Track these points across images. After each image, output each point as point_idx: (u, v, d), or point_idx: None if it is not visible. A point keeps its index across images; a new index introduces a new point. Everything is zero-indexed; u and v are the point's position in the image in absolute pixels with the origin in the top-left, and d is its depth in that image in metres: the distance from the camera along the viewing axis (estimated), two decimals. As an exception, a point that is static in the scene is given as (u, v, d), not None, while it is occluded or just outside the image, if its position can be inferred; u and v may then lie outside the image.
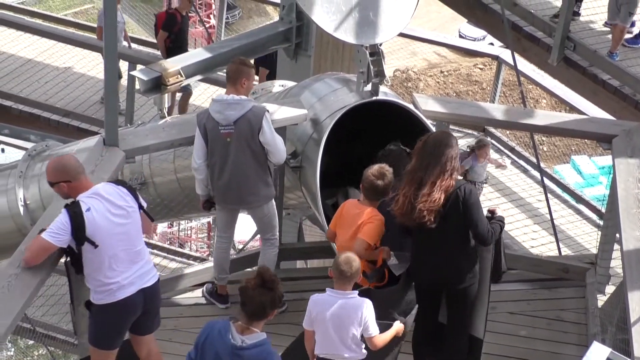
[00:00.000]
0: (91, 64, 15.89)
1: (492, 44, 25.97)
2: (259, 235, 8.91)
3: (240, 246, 14.59)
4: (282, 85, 9.95)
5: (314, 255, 9.77)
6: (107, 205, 6.39)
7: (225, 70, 8.23)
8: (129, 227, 6.50)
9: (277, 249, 8.34)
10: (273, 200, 8.17)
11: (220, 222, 8.32)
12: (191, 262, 15.98)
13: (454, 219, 6.68)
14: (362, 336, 6.40)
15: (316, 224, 9.92)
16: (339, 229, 7.31)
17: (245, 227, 11.12)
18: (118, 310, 6.56)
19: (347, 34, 7.99)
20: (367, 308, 6.38)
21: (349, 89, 8.44)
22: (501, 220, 7.00)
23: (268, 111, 7.80)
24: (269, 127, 7.74)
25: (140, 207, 6.62)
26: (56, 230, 6.25)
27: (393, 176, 7.16)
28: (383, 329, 6.53)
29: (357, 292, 6.43)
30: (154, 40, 17.71)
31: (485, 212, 6.86)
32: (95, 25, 17.76)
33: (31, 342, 18.54)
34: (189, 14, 41.59)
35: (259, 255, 8.43)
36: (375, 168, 7.16)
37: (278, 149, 7.81)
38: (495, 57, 14.22)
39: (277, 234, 8.38)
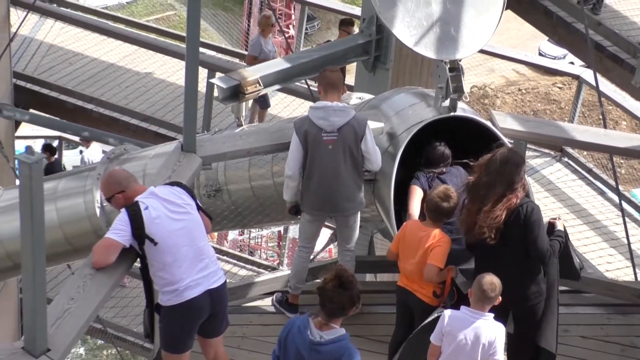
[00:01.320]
0: (171, 70, 16.06)
1: (572, 62, 25.67)
2: (330, 247, 8.94)
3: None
4: (360, 98, 9.94)
5: (384, 269, 9.73)
6: (164, 203, 6.48)
7: (319, 79, 8.29)
8: (188, 223, 6.55)
9: (354, 260, 8.36)
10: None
11: (305, 232, 8.29)
12: (261, 270, 16.07)
13: (514, 236, 6.67)
14: None
15: (387, 238, 9.89)
16: (402, 251, 7.31)
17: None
18: (185, 312, 6.60)
19: (427, 49, 7.97)
20: (502, 334, 6.44)
21: (426, 103, 8.40)
22: (560, 236, 6.95)
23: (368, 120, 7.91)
24: (370, 135, 7.85)
25: (198, 206, 6.68)
26: (118, 228, 6.34)
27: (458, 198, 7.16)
28: None
29: (492, 314, 6.43)
30: (234, 49, 17.94)
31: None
32: (177, 32, 18.03)
33: (101, 341, 18.82)
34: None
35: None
36: (440, 189, 7.17)
37: (377, 156, 7.91)
38: (576, 77, 14.05)
39: (354, 247, 8.41)
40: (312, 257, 8.65)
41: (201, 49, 7.90)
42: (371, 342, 8.06)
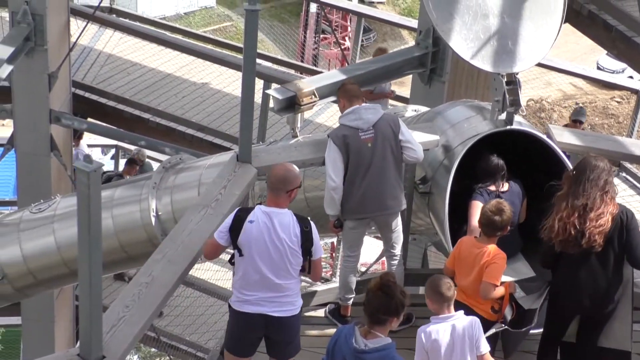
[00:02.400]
0: (227, 81, 16.12)
1: (631, 77, 25.40)
2: (383, 259, 8.92)
3: (363, 269, 14.58)
4: (415, 110, 9.94)
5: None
6: (271, 228, 6.60)
7: (341, 93, 8.39)
8: (277, 259, 6.64)
9: (402, 267, 8.35)
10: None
11: (349, 241, 8.33)
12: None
13: (616, 242, 6.76)
14: None
15: (441, 251, 9.86)
16: (458, 268, 7.31)
17: (368, 250, 11.12)
18: (238, 320, 6.83)
19: (484, 62, 7.95)
20: (478, 324, 6.52)
21: (482, 116, 8.38)
22: None
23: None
24: (405, 127, 7.99)
25: (308, 254, 6.69)
26: (221, 228, 6.68)
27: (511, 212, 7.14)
28: None
29: (461, 311, 6.58)
30: (290, 60, 18.04)
31: None
32: (233, 43, 18.13)
33: (154, 350, 18.92)
34: (325, 35, 42.01)
35: None
36: (492, 204, 7.16)
37: (417, 145, 7.99)
38: (635, 91, 13.94)
39: (401, 252, 8.39)
40: (365, 269, 8.66)
41: (257, 60, 7.95)
42: (424, 355, 7.99)
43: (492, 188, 8.00)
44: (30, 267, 9.91)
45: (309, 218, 6.82)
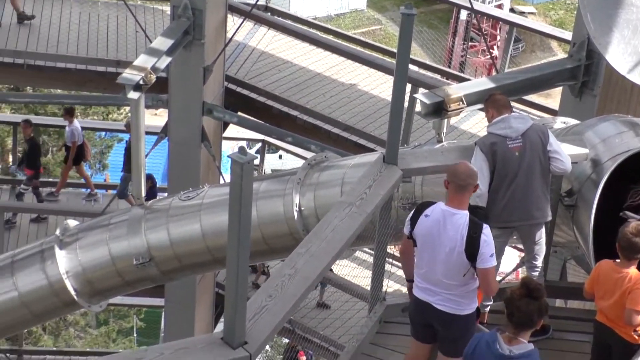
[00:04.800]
0: (375, 83, 16.16)
1: None
2: (518, 270, 8.82)
3: (498, 278, 14.41)
4: (564, 122, 9.75)
5: (575, 296, 9.50)
6: (442, 226, 6.71)
7: (490, 103, 8.27)
8: (443, 257, 6.73)
9: (542, 279, 8.23)
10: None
11: None
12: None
13: None
14: None
15: (581, 265, 9.66)
16: (597, 291, 7.15)
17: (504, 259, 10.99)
18: (412, 302, 7.22)
19: (641, 77, 7.76)
20: None
21: (635, 132, 8.17)
22: None
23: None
24: (553, 137, 7.87)
25: (473, 260, 6.69)
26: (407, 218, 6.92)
27: None
28: None
29: None
30: (437, 66, 17.92)
31: None
32: (382, 45, 18.11)
33: (286, 340, 19.13)
34: (473, 43, 41.61)
35: None
36: (632, 225, 6.94)
37: (566, 156, 7.87)
38: None
39: (542, 264, 8.27)
40: (500, 279, 8.55)
41: (408, 64, 7.94)
42: (560, 368, 7.90)
43: None
44: (176, 252, 10.14)
45: (484, 226, 6.76)
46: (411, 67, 16.57)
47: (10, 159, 23.75)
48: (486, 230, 6.68)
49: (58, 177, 18.96)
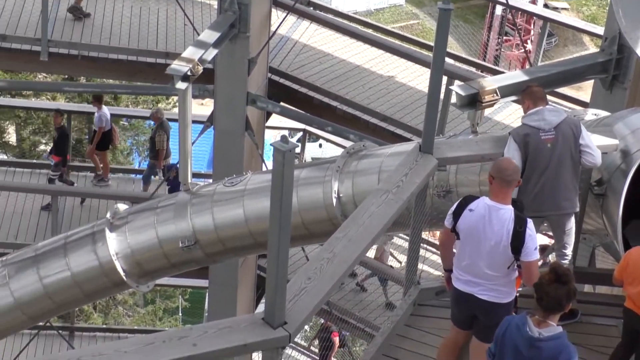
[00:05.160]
0: (412, 75, 16.09)
1: None
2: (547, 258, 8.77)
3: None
4: (595, 114, 9.66)
5: (603, 282, 9.43)
6: (487, 221, 6.67)
7: (526, 95, 8.20)
8: (487, 250, 6.70)
9: (572, 266, 8.17)
10: None
11: None
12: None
13: None
14: None
15: (609, 252, 9.58)
16: (627, 279, 7.09)
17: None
18: (452, 293, 7.16)
19: (670, 71, 7.67)
20: None
21: (664, 124, 8.08)
22: None
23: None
24: (585, 131, 7.81)
25: (517, 253, 6.67)
26: (449, 211, 6.89)
27: None
28: None
29: None
30: (472, 58, 17.79)
31: None
32: (420, 39, 18.01)
33: (322, 320, 19.15)
34: (507, 37, 41.38)
35: None
36: None
37: (596, 150, 7.81)
38: None
39: (571, 252, 8.21)
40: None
41: (444, 57, 7.90)
42: (587, 350, 7.85)
43: None
44: (220, 235, 10.18)
45: (528, 220, 6.73)
46: (447, 60, 16.50)
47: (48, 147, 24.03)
48: (530, 224, 6.65)
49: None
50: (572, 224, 8.01)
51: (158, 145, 16.63)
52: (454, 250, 7.04)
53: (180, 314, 29.73)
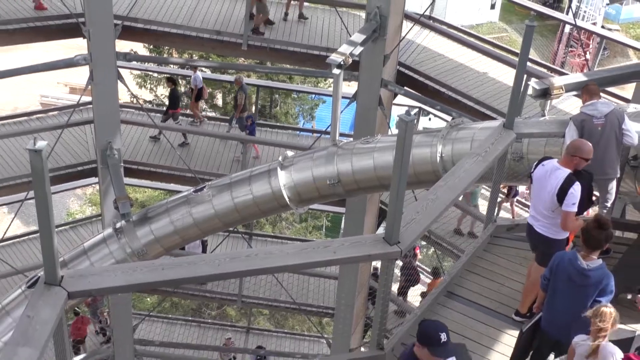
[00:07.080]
0: (500, 72, 15.49)
1: None
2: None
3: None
4: (635, 108, 9.13)
5: (630, 230, 8.97)
6: (547, 175, 6.45)
7: (585, 90, 7.88)
8: (543, 196, 6.50)
9: (610, 215, 7.86)
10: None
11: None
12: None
13: None
14: None
15: (637, 209, 9.14)
16: None
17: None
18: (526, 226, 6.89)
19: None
20: None
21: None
22: None
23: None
24: (628, 119, 7.53)
25: (560, 202, 6.40)
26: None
27: None
28: None
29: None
30: (545, 63, 17.00)
31: None
32: (506, 46, 17.33)
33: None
34: (572, 49, 39.37)
35: None
36: None
37: (635, 134, 7.53)
38: None
39: (610, 206, 7.90)
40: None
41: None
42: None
43: None
44: (356, 178, 10.20)
45: (576, 183, 6.37)
46: (527, 63, 15.93)
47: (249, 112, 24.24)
48: (576, 186, 6.33)
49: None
50: (613, 186, 7.68)
51: (239, 101, 16.43)
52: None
53: (323, 230, 30.12)
